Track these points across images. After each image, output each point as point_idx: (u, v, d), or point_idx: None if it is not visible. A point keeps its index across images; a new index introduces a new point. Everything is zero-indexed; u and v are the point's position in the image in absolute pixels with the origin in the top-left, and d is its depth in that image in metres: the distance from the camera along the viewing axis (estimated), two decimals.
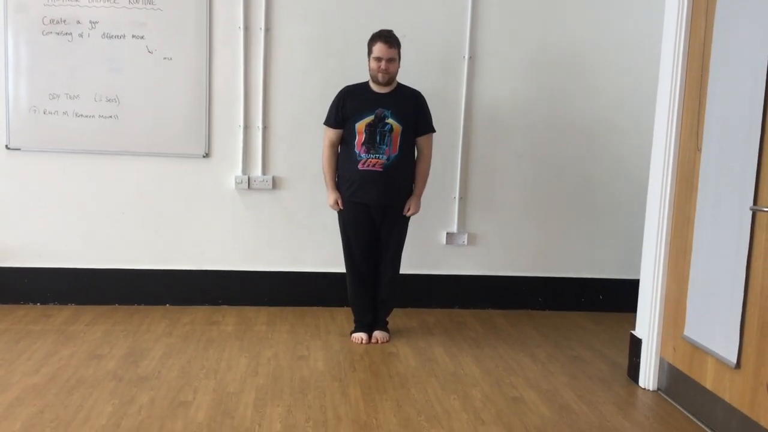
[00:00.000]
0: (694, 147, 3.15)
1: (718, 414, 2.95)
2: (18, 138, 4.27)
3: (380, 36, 3.77)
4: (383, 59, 3.74)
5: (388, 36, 3.77)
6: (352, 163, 3.82)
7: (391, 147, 3.79)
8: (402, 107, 3.82)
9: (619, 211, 4.69)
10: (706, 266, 3.04)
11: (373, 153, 3.78)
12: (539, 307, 4.72)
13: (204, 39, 4.30)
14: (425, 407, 3.12)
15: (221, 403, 3.06)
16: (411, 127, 3.86)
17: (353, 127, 3.80)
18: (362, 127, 3.78)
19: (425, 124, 3.93)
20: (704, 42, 3.11)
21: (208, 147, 4.40)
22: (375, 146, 3.78)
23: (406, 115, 3.81)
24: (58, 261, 4.39)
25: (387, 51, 3.74)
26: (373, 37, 3.81)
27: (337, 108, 3.85)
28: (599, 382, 3.50)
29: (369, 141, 3.77)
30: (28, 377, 3.26)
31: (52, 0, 4.18)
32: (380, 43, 3.75)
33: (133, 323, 4.11)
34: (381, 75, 3.77)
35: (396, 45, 3.79)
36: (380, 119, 3.78)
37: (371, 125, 3.77)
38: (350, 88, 3.90)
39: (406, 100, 3.86)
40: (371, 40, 3.82)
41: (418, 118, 3.88)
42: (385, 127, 3.78)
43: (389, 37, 3.77)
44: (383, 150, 3.78)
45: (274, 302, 4.53)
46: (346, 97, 3.85)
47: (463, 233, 4.63)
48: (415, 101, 3.89)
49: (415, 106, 3.88)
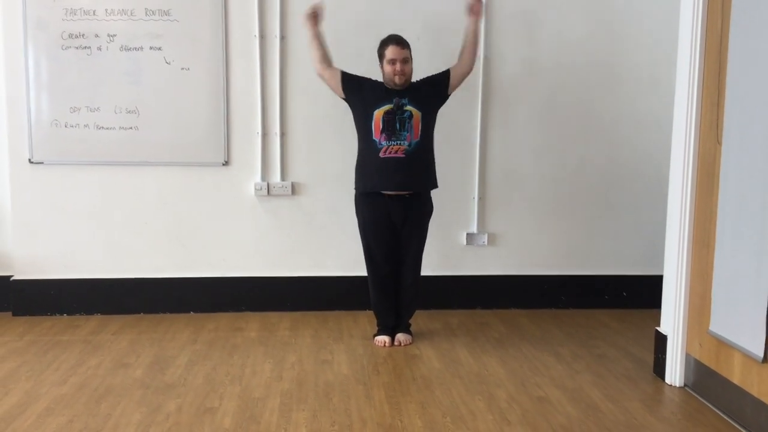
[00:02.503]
0: (715, 140, 3.13)
1: (746, 409, 2.92)
2: (41, 152, 4.34)
3: (390, 39, 3.81)
4: (397, 60, 3.75)
5: (398, 38, 3.80)
6: (372, 152, 3.80)
7: (412, 133, 3.79)
8: (418, 94, 3.83)
9: (641, 206, 4.66)
10: (730, 260, 3.00)
11: (395, 140, 3.77)
12: (562, 306, 4.69)
13: (220, 48, 4.34)
14: (450, 409, 3.12)
15: (247, 409, 3.08)
16: (432, 109, 3.88)
17: (371, 115, 3.79)
18: (380, 115, 3.78)
19: (443, 73, 3.92)
20: (721, 34, 3.08)
21: (227, 155, 4.44)
22: (396, 133, 3.77)
23: (425, 99, 3.83)
24: (83, 272, 4.45)
25: (400, 52, 3.76)
26: (383, 42, 3.84)
27: (360, 79, 3.89)
28: (625, 380, 3.48)
29: (388, 129, 3.76)
30: (57, 387, 3.31)
31: (70, 15, 4.24)
32: (392, 45, 3.77)
33: (159, 331, 4.15)
34: (398, 77, 3.77)
35: (407, 46, 3.82)
36: (399, 107, 3.79)
37: (390, 113, 3.78)
38: (374, 81, 3.91)
39: (419, 88, 3.88)
40: (382, 46, 3.84)
41: (434, 82, 3.90)
42: (405, 114, 3.78)
43: (400, 39, 3.80)
44: (404, 136, 3.77)
45: (297, 307, 4.55)
46: (369, 83, 3.88)
47: (483, 233, 4.62)
48: (422, 82, 3.91)
49: (429, 85, 3.89)
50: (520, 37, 4.50)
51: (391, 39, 3.81)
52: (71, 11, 4.23)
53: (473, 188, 4.58)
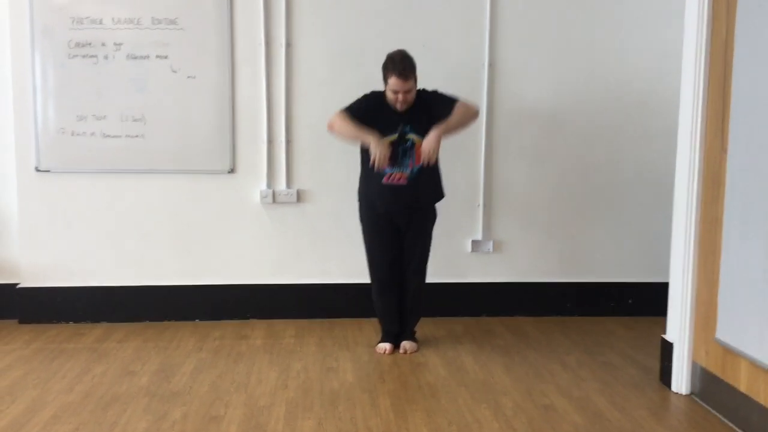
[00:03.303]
0: (720, 147, 3.12)
1: (753, 417, 2.91)
2: (47, 160, 4.36)
3: (394, 69, 3.65)
4: (400, 92, 3.69)
5: (402, 69, 3.64)
6: (375, 177, 3.80)
7: (413, 159, 3.79)
8: (419, 119, 3.77)
9: (647, 213, 4.65)
10: (736, 267, 3.00)
11: (397, 168, 3.77)
12: (568, 313, 4.68)
13: (226, 56, 4.35)
14: (456, 417, 3.11)
15: (252, 417, 3.08)
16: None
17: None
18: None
19: (446, 107, 3.77)
20: (726, 41, 3.08)
21: (233, 162, 4.45)
22: (398, 161, 3.76)
23: (426, 126, 3.77)
24: (89, 280, 4.46)
25: (403, 84, 3.66)
26: (387, 67, 3.70)
27: (366, 110, 3.76)
28: (631, 388, 3.47)
29: (391, 158, 3.75)
30: (63, 395, 3.32)
31: (77, 24, 4.26)
32: (395, 77, 3.65)
33: (164, 339, 4.16)
34: (399, 105, 3.73)
35: (411, 74, 3.68)
36: (401, 136, 3.77)
37: (393, 143, 3.76)
38: (375, 99, 3.81)
39: (421, 112, 3.78)
40: (385, 70, 3.71)
41: (437, 114, 3.77)
42: (407, 143, 3.78)
43: (403, 70, 3.64)
44: (406, 163, 3.78)
45: (302, 315, 4.55)
46: (372, 105, 3.78)
47: (489, 240, 4.62)
48: (427, 108, 3.79)
49: (429, 113, 3.78)
50: (525, 45, 4.50)
51: (395, 67, 3.65)
52: (78, 20, 4.26)
53: (478, 195, 4.58)
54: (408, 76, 3.66)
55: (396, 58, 3.69)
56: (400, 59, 3.68)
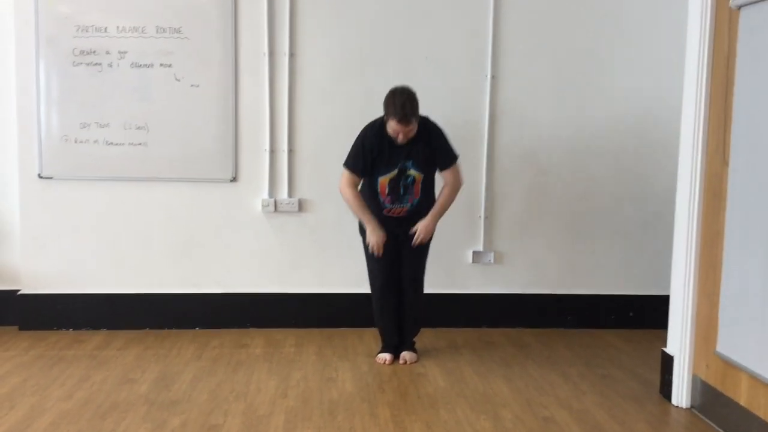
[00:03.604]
0: (721, 161, 3.13)
1: (753, 431, 2.90)
2: (50, 167, 4.37)
3: (395, 114, 3.58)
4: (400, 132, 3.66)
5: (403, 116, 3.57)
6: (376, 204, 3.83)
7: (413, 194, 3.82)
8: (420, 153, 3.74)
9: (648, 226, 4.65)
10: (736, 281, 2.99)
11: (398, 203, 3.81)
12: (569, 326, 4.68)
13: (230, 65, 4.37)
14: (455, 428, 3.10)
15: (251, 426, 3.08)
16: (432, 170, 3.85)
17: (376, 180, 3.80)
18: (385, 182, 3.79)
19: (444, 159, 3.81)
20: (728, 55, 3.09)
21: (235, 171, 4.46)
22: (399, 197, 3.80)
23: (425, 161, 3.77)
24: (90, 287, 4.46)
25: (404, 128, 3.63)
26: (388, 109, 3.61)
27: (363, 158, 3.74)
28: (631, 401, 3.46)
29: (393, 193, 3.79)
30: (62, 402, 3.31)
31: (82, 32, 4.28)
32: (395, 121, 3.60)
33: (164, 347, 4.15)
34: (400, 139, 3.69)
35: (413, 118, 3.61)
36: (402, 172, 3.77)
37: (394, 179, 3.78)
38: (373, 137, 3.73)
39: (422, 143, 3.73)
40: (387, 109, 3.63)
41: (435, 156, 3.79)
42: (408, 179, 3.79)
43: (404, 117, 3.57)
44: (407, 199, 3.81)
45: (302, 324, 4.55)
46: (371, 148, 3.73)
47: (490, 252, 4.62)
48: (428, 141, 3.75)
49: (430, 147, 3.75)
50: (528, 57, 4.52)
51: (396, 112, 3.57)
52: (83, 28, 4.28)
53: (480, 207, 4.58)
54: (409, 121, 3.61)
55: (397, 102, 3.59)
56: (401, 104, 3.58)
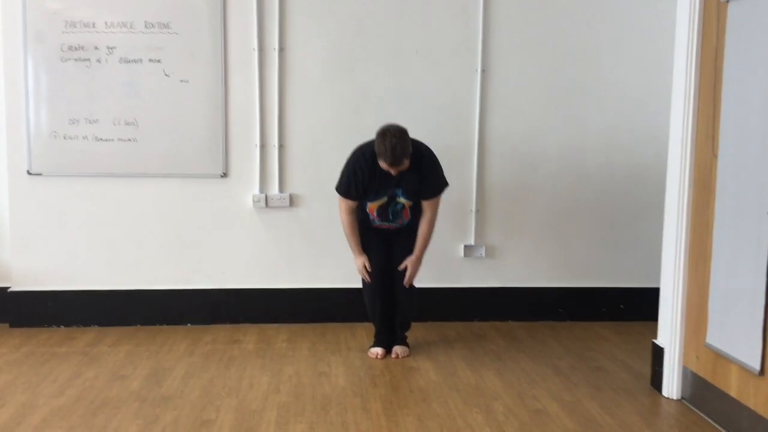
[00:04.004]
0: (711, 152, 3.14)
1: (743, 422, 2.92)
2: (39, 163, 4.35)
3: (386, 158, 3.55)
4: (392, 169, 3.63)
5: (393, 160, 3.54)
6: (366, 219, 3.87)
7: (403, 217, 3.85)
8: (411, 182, 3.73)
9: (638, 218, 4.67)
10: (726, 272, 3.01)
11: (387, 223, 3.85)
12: (560, 319, 4.69)
13: (219, 61, 4.36)
14: (447, 421, 3.11)
15: (244, 422, 3.08)
16: (420, 198, 3.84)
17: (365, 204, 3.82)
18: (374, 207, 3.81)
19: (430, 190, 3.78)
20: (717, 46, 3.10)
21: (226, 167, 4.45)
22: (388, 220, 3.85)
23: (415, 190, 3.77)
24: (80, 284, 4.45)
25: (395, 170, 3.62)
26: (379, 151, 3.56)
27: (355, 186, 3.72)
28: (622, 393, 3.48)
29: (381, 215, 3.83)
30: (54, 399, 3.30)
31: (70, 27, 4.26)
32: (386, 164, 3.58)
33: (156, 343, 4.15)
34: (393, 172, 3.66)
35: (405, 159, 3.57)
36: (392, 199, 3.78)
37: (383, 206, 3.80)
38: (364, 166, 3.69)
39: (414, 173, 3.70)
40: (378, 150, 3.57)
41: (422, 185, 3.76)
42: (397, 206, 3.81)
43: (395, 161, 3.54)
44: (396, 221, 3.85)
45: (295, 319, 4.55)
46: (362, 178, 3.70)
47: (481, 246, 4.63)
48: (420, 171, 3.72)
49: (421, 177, 3.73)
50: (518, 51, 4.52)
51: (386, 157, 3.54)
52: (71, 24, 4.25)
53: (471, 201, 4.59)
54: (401, 163, 3.59)
55: (388, 146, 3.53)
56: (392, 147, 3.52)
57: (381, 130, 3.62)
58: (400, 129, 3.61)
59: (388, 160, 3.56)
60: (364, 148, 3.77)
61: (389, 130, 3.59)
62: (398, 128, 3.61)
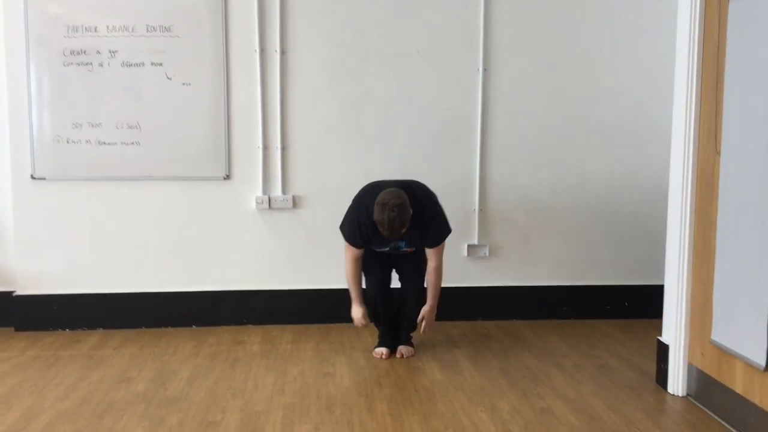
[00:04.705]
0: (713, 150, 3.14)
1: (749, 418, 2.91)
2: (43, 167, 4.36)
3: (384, 231, 3.51)
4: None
5: (391, 232, 3.51)
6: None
7: (406, 253, 3.86)
8: (414, 236, 3.70)
9: (642, 216, 4.66)
10: (730, 269, 3.01)
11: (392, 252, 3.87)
12: (564, 317, 4.69)
13: (221, 63, 4.36)
14: (452, 421, 3.11)
15: (249, 423, 3.08)
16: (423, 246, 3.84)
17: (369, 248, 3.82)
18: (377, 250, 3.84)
19: (434, 239, 3.77)
20: (718, 44, 3.10)
21: (229, 169, 4.45)
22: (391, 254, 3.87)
23: (418, 242, 3.78)
24: (85, 287, 4.46)
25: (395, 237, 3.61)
26: (379, 222, 3.51)
27: (361, 236, 3.70)
28: (628, 390, 3.48)
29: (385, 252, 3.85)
30: (60, 402, 3.31)
31: (72, 32, 4.27)
32: (385, 235, 3.55)
33: (161, 346, 4.15)
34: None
35: (403, 229, 3.53)
36: (395, 248, 3.79)
37: (386, 251, 3.82)
38: (365, 219, 3.65)
39: (417, 229, 3.66)
40: (377, 221, 3.53)
41: (424, 238, 3.76)
42: (399, 251, 3.82)
43: (393, 233, 3.52)
44: (401, 253, 3.85)
45: (299, 320, 4.55)
46: (364, 230, 3.67)
47: (485, 245, 4.63)
48: (422, 225, 3.67)
49: (423, 230, 3.71)
50: (519, 50, 4.52)
51: (385, 229, 3.51)
52: (73, 28, 4.26)
53: (474, 200, 4.59)
54: (399, 235, 3.56)
55: (385, 220, 3.48)
56: (389, 222, 3.48)
57: (381, 200, 3.51)
58: (399, 200, 3.50)
59: (386, 233, 3.53)
60: (366, 199, 3.69)
61: (388, 203, 3.48)
62: (397, 200, 3.50)
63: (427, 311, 3.85)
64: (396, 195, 3.53)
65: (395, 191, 3.57)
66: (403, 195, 3.55)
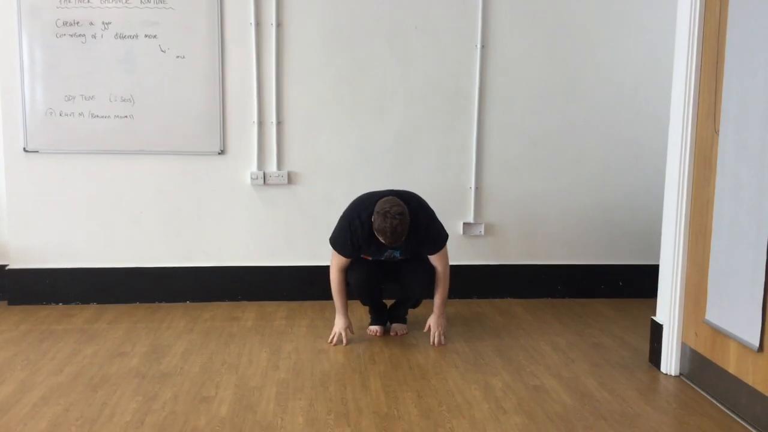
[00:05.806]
0: (712, 129, 3.12)
1: (742, 398, 2.93)
2: (35, 140, 4.32)
3: (385, 238, 3.47)
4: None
5: (392, 241, 3.47)
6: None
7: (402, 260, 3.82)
8: (409, 246, 3.66)
9: (638, 195, 4.66)
10: (726, 249, 3.01)
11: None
12: (558, 296, 4.70)
13: (216, 36, 4.31)
14: (446, 397, 3.12)
15: (243, 398, 3.08)
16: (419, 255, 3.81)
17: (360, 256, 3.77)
18: (369, 258, 3.79)
19: (432, 247, 3.75)
20: (719, 22, 3.07)
21: (223, 144, 4.42)
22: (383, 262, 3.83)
23: (414, 251, 3.75)
24: (78, 261, 4.44)
25: (395, 246, 3.58)
26: (379, 231, 3.47)
27: (352, 247, 3.65)
28: (621, 369, 3.49)
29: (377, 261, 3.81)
30: (53, 376, 3.31)
31: (64, 2, 4.21)
32: (386, 243, 3.51)
33: (155, 320, 4.15)
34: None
35: (405, 235, 3.50)
36: (391, 257, 3.76)
37: (378, 259, 3.78)
38: (362, 235, 3.60)
39: (412, 240, 3.61)
40: (377, 229, 3.48)
41: (422, 247, 3.74)
42: (393, 259, 3.78)
43: (394, 241, 3.48)
44: (396, 260, 3.81)
45: (293, 297, 4.55)
46: (357, 240, 3.63)
47: (480, 223, 4.62)
48: (418, 235, 3.62)
49: (419, 240, 3.66)
50: (518, 26, 4.48)
51: (387, 237, 3.46)
52: None
53: (470, 178, 4.57)
54: (399, 242, 3.52)
55: (388, 229, 3.44)
56: (392, 230, 3.44)
57: (381, 209, 3.47)
58: (400, 208, 3.48)
59: (388, 240, 3.49)
60: (360, 209, 3.64)
61: (389, 211, 3.45)
62: (398, 207, 3.48)
63: (435, 321, 3.81)
64: (396, 203, 3.51)
65: (394, 199, 3.54)
66: (402, 203, 3.54)
